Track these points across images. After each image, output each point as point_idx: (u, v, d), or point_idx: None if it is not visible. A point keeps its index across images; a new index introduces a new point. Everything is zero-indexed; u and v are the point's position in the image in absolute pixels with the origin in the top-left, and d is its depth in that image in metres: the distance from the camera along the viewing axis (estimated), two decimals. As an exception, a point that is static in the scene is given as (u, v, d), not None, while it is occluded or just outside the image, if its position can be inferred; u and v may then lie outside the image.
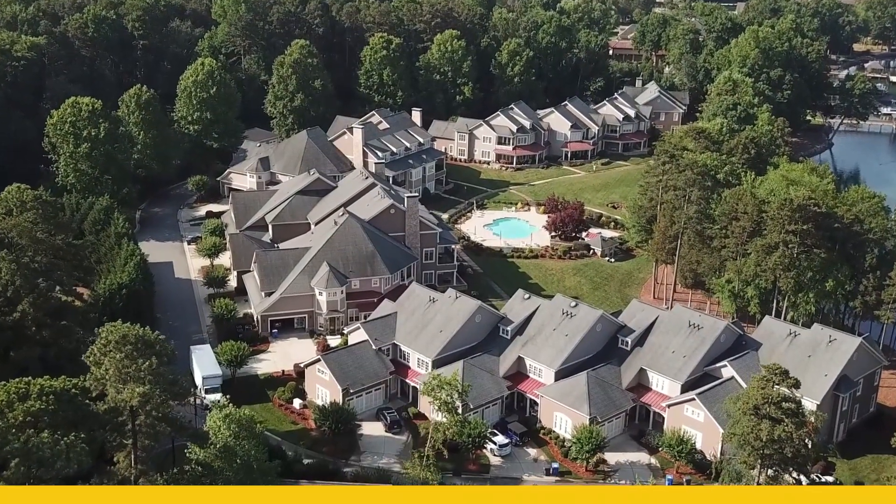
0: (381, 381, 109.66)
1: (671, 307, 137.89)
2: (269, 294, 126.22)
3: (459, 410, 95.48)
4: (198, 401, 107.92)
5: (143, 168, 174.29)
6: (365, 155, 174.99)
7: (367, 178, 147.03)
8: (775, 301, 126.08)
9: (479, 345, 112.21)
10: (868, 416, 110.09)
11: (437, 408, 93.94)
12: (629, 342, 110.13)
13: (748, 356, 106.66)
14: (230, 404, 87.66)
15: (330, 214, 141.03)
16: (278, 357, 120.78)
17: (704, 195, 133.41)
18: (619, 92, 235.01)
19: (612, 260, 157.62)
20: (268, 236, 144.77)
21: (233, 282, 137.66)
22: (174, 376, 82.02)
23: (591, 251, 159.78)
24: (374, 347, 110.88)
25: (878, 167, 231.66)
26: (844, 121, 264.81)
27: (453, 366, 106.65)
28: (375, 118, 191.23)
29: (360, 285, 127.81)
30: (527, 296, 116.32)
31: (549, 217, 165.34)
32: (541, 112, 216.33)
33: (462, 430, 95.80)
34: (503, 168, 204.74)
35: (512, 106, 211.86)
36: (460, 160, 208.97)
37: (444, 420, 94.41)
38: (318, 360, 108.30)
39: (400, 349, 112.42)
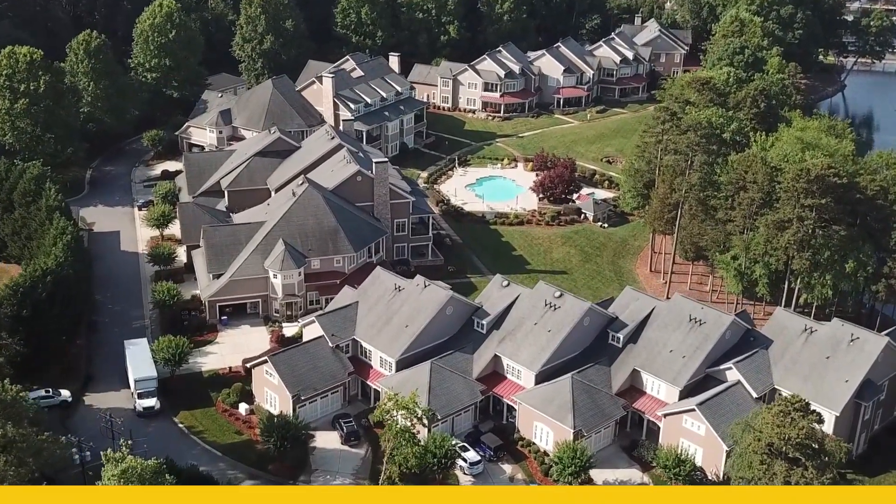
0: (339, 384, 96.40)
1: (669, 283, 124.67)
2: (217, 276, 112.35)
3: (422, 437, 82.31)
4: (134, 406, 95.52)
5: (95, 122, 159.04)
6: (336, 107, 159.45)
7: (332, 137, 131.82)
8: (787, 282, 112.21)
9: (451, 340, 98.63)
10: (891, 421, 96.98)
11: (392, 435, 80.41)
12: (621, 338, 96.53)
13: (757, 356, 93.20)
14: (132, 454, 71.98)
15: (291, 180, 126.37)
16: (227, 349, 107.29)
17: (709, 160, 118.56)
18: (617, 32, 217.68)
19: (606, 225, 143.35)
20: (224, 204, 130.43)
21: (183, 257, 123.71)
22: (45, 441, 67.43)
23: (583, 215, 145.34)
24: (330, 344, 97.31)
25: (895, 112, 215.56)
26: (859, 60, 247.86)
27: (419, 368, 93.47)
28: (349, 64, 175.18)
29: (321, 265, 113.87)
30: (505, 282, 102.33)
31: (536, 177, 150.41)
32: (531, 55, 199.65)
33: (424, 457, 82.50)
34: (489, 118, 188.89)
35: (500, 48, 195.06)
36: (444, 108, 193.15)
37: (404, 444, 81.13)
38: (266, 361, 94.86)
39: (361, 346, 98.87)
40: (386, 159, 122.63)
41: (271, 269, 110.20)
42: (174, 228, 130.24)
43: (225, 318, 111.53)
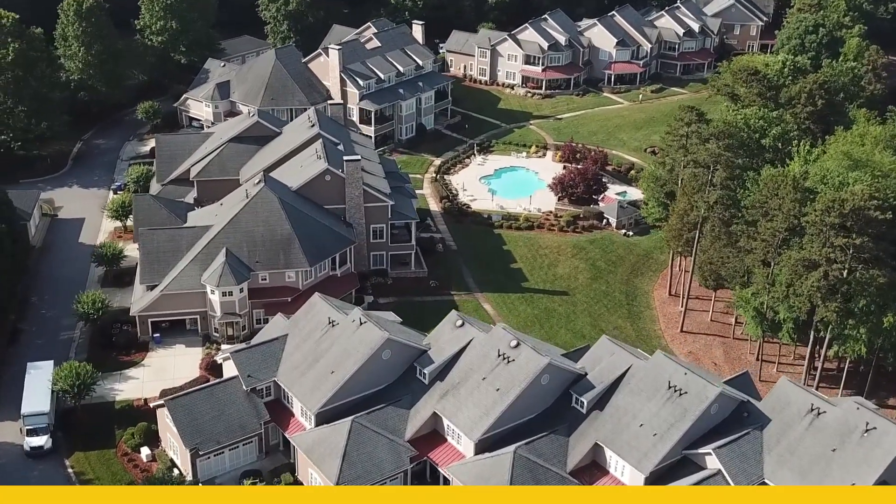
0: (252, 435, 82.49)
1: (684, 313, 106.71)
2: (151, 287, 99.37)
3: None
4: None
5: (87, 91, 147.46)
6: (343, 83, 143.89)
7: (312, 125, 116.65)
8: (813, 331, 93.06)
9: (388, 390, 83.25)
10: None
11: None
12: (585, 403, 79.65)
13: (746, 440, 75.29)
14: None
15: (268, 170, 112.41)
16: (151, 374, 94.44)
17: (732, 175, 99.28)
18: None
19: (631, 234, 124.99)
20: (193, 195, 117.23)
21: (135, 257, 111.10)
22: None
23: (605, 221, 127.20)
24: (245, 387, 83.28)
25: None
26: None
27: (338, 427, 78.71)
28: (370, 31, 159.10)
29: (271, 279, 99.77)
30: (459, 322, 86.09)
31: (554, 176, 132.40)
32: (581, 24, 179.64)
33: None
34: (528, 94, 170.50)
35: (546, 16, 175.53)
36: (481, 82, 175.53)
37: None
38: (163, 406, 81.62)
39: (283, 390, 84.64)
40: (357, 157, 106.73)
41: (208, 283, 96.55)
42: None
43: (158, 335, 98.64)
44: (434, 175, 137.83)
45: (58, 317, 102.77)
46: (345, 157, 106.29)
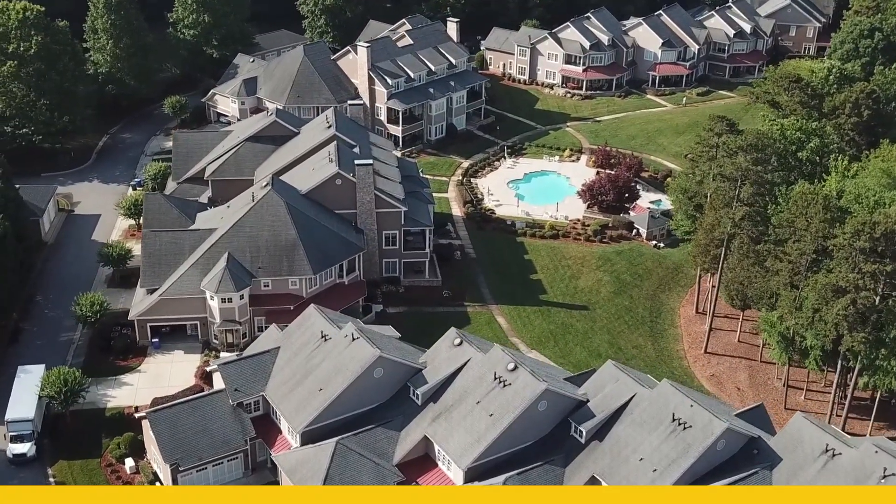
0: (237, 451, 79.24)
1: (709, 333, 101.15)
2: (151, 291, 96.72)
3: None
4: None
5: (115, 84, 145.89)
6: (371, 81, 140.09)
7: (329, 126, 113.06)
8: (840, 361, 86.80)
9: (379, 410, 79.22)
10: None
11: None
12: (584, 433, 74.77)
13: (754, 480, 69.91)
14: None
15: (278, 174, 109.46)
16: (147, 380, 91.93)
17: (761, 191, 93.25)
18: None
19: (661, 245, 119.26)
20: (207, 195, 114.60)
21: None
22: None
23: (635, 231, 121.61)
24: (231, 401, 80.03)
25: None
26: None
27: (322, 448, 75.03)
28: (402, 30, 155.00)
29: (274, 286, 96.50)
30: (458, 340, 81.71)
31: (584, 182, 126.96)
32: (626, 24, 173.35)
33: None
34: (568, 95, 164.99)
35: (589, 14, 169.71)
36: (520, 81, 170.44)
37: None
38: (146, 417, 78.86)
39: (272, 406, 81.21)
40: (370, 161, 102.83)
41: (207, 289, 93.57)
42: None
43: (156, 340, 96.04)
44: (461, 178, 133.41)
45: (60, 317, 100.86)
46: (356, 161, 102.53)
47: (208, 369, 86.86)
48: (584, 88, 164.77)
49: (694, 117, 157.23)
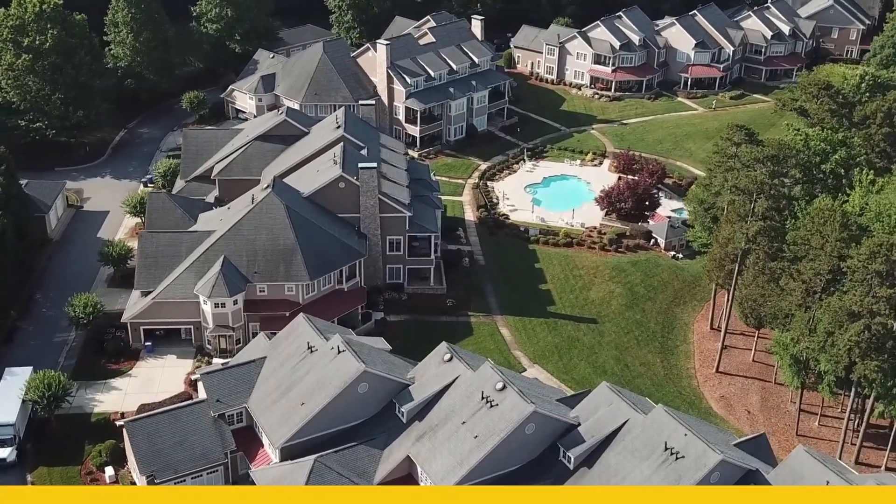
0: (216, 464, 76.96)
1: (721, 352, 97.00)
2: (146, 293, 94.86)
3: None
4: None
5: (134, 78, 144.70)
6: (390, 80, 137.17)
7: (338, 126, 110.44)
8: (854, 387, 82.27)
9: (362, 427, 76.28)
10: None
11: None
12: (572, 458, 71.34)
13: (747, 517, 66.06)
14: None
15: (284, 175, 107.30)
16: (136, 385, 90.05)
17: (776, 206, 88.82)
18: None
19: (680, 256, 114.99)
20: (215, 194, 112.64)
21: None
22: None
23: (653, 241, 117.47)
24: (212, 413, 77.73)
25: None
26: None
27: (299, 465, 72.36)
28: (426, 27, 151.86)
29: (270, 292, 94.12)
30: (448, 356, 78.56)
31: (602, 188, 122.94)
32: (659, 23, 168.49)
33: None
34: (596, 96, 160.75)
35: (620, 13, 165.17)
36: (548, 81, 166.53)
37: None
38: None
39: (253, 418, 78.77)
40: (374, 165, 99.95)
41: (200, 293, 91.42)
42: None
43: (150, 344, 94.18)
44: (477, 181, 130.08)
45: (57, 317, 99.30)
46: (360, 165, 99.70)
47: (193, 377, 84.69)
48: (612, 90, 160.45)
49: (725, 122, 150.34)
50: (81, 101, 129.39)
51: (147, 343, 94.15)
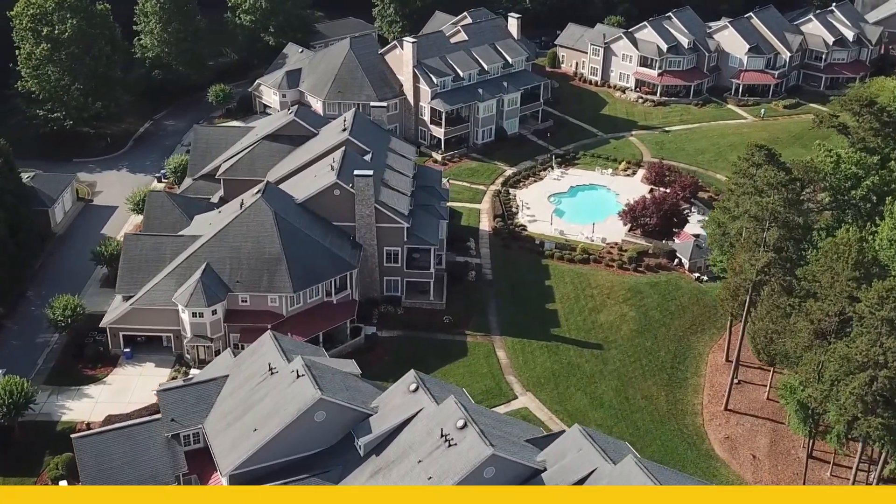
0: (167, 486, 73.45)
1: (730, 388, 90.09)
2: (127, 298, 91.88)
3: None
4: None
5: (162, 69, 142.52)
6: (416, 79, 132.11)
7: (344, 129, 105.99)
8: (863, 442, 74.81)
9: (318, 457, 71.65)
10: None
11: None
12: (532, 507, 65.97)
13: (714, 590, 59.71)
14: None
15: (286, 178, 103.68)
16: (109, 394, 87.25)
17: (789, 236, 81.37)
18: (839, 2, 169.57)
19: (705, 279, 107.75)
20: (220, 194, 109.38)
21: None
22: None
23: (677, 261, 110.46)
24: (165, 433, 74.15)
25: None
26: None
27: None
28: (467, 21, 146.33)
29: (253, 302, 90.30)
30: (414, 386, 73.49)
31: (627, 203, 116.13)
32: (712, 25, 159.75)
33: None
34: (640, 100, 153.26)
35: (670, 14, 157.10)
36: (592, 82, 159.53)
37: None
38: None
39: (208, 440, 74.95)
40: (369, 173, 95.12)
41: (178, 301, 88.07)
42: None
43: (129, 350, 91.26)
44: (500, 187, 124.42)
45: (43, 317, 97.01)
46: (355, 172, 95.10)
47: (153, 392, 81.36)
48: (658, 94, 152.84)
49: (774, 132, 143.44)
50: (101, 92, 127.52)
51: (126, 349, 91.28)
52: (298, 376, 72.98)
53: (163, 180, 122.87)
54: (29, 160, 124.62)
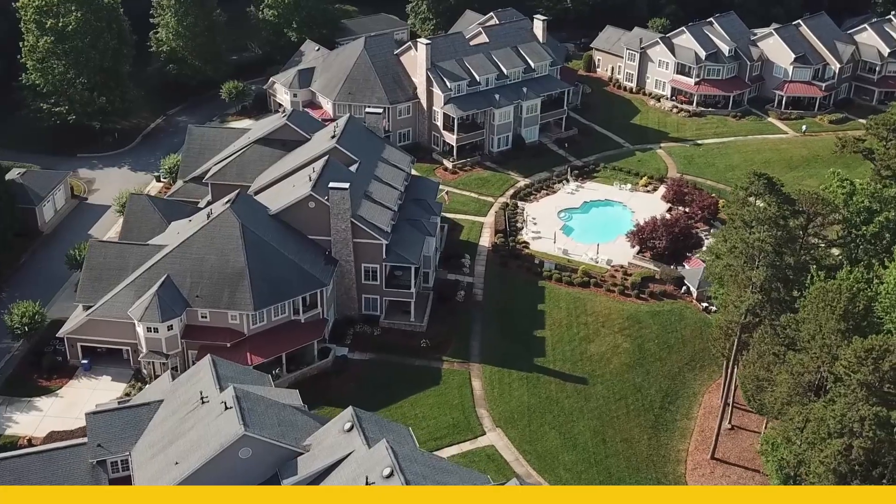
0: (87, 516, 69.62)
1: (717, 438, 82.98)
2: (87, 307, 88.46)
3: None
4: None
5: (177, 64, 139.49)
6: (429, 82, 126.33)
7: (333, 136, 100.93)
8: None
9: (242, 495, 67.58)
10: None
11: None
12: (453, 571, 60.19)
13: None
14: None
15: (270, 185, 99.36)
16: (60, 407, 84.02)
17: (777, 275, 73.71)
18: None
19: (713, 309, 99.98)
20: (208, 198, 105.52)
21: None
22: None
23: (684, 288, 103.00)
24: (90, 459, 70.30)
25: None
26: None
27: (154, 536, 64.07)
28: (493, 22, 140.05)
29: (213, 319, 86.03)
30: (349, 425, 68.28)
31: (636, 224, 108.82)
32: (757, 32, 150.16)
33: None
34: (675, 110, 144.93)
35: (711, 20, 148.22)
36: (627, 89, 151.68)
37: None
38: None
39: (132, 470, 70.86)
40: (346, 186, 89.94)
41: (133, 315, 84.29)
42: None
43: (87, 361, 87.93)
44: (508, 200, 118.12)
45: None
46: (330, 185, 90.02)
47: (86, 412, 77.57)
48: (694, 104, 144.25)
49: (815, 149, 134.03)
50: (107, 87, 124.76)
51: (84, 361, 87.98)
52: (226, 408, 68.34)
53: (161, 180, 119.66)
54: (33, 154, 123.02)
